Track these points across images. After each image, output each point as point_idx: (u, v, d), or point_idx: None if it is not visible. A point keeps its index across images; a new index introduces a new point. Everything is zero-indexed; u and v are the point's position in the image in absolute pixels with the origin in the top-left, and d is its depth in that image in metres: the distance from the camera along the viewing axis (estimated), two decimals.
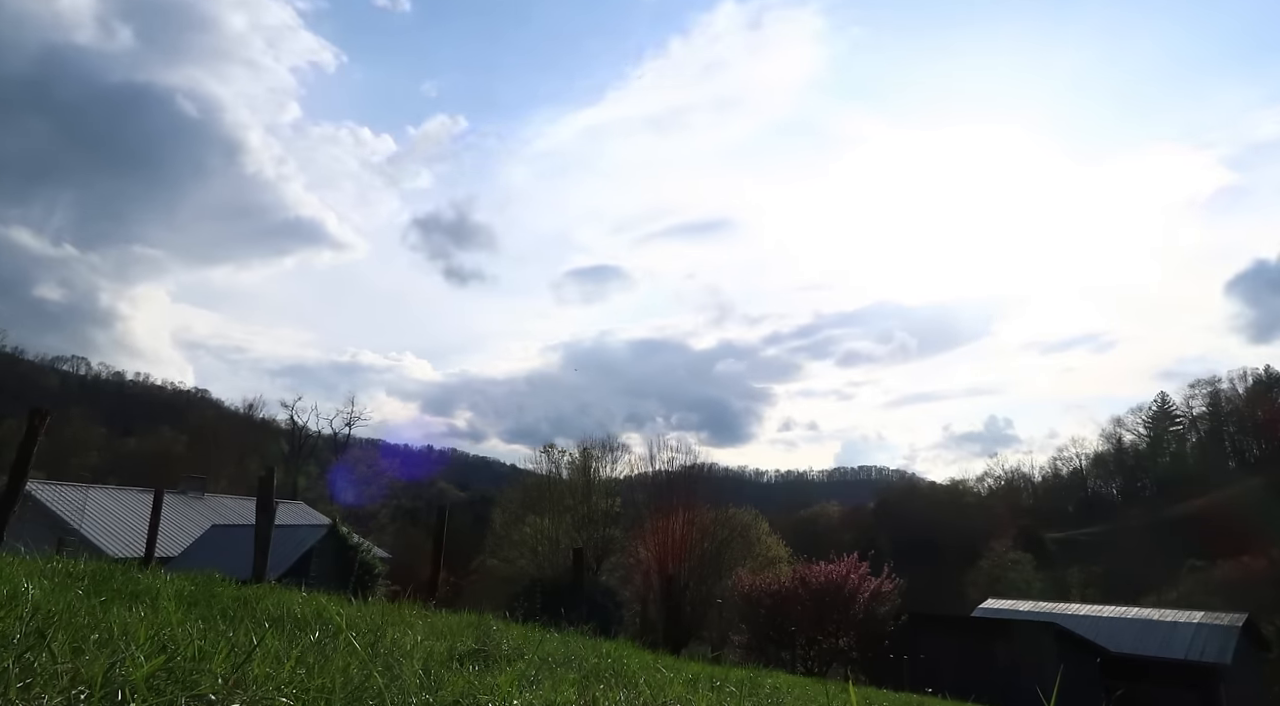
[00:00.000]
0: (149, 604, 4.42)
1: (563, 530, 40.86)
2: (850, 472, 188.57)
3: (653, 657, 7.77)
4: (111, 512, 32.69)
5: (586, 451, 47.70)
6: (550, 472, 48.45)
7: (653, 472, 43.26)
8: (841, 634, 28.59)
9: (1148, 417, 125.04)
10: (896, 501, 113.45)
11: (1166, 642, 29.58)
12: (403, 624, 5.79)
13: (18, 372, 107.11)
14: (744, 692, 5.83)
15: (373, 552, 27.81)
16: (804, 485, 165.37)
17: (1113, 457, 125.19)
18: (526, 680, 3.86)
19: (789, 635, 28.92)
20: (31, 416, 8.70)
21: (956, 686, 17.86)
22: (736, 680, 6.93)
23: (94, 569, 6.05)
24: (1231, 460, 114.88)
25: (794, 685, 8.20)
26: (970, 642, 26.39)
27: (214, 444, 76.80)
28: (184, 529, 31.48)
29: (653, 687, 4.57)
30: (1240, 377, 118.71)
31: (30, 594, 3.60)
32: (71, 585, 4.74)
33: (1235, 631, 29.69)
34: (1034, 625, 28.00)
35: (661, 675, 5.62)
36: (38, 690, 1.97)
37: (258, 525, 10.53)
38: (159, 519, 13.79)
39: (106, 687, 2.06)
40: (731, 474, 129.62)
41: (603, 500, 44.00)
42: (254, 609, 5.16)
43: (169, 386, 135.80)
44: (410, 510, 70.90)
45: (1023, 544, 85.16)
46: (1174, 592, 62.20)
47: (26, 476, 8.76)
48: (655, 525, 36.75)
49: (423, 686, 3.03)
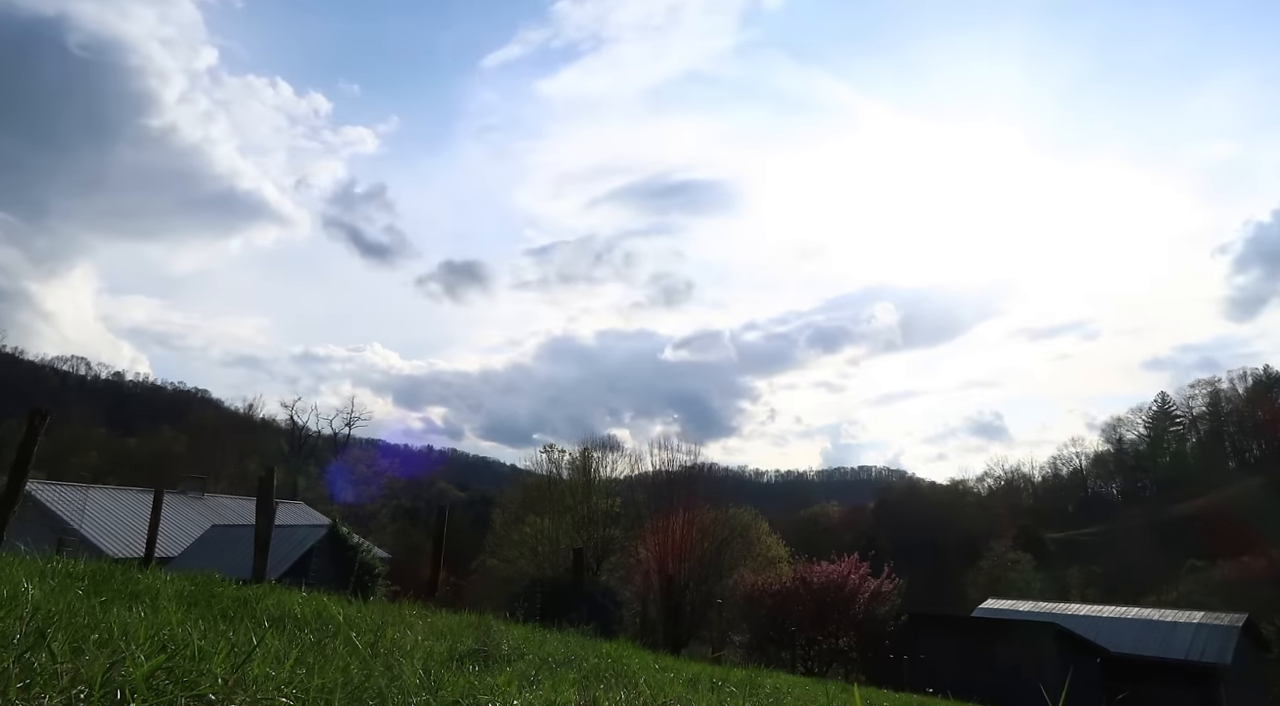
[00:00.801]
0: (149, 604, 4.42)
1: (563, 530, 40.86)
2: (850, 472, 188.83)
3: (653, 657, 7.78)
4: (111, 512, 32.69)
5: (586, 451, 47.78)
6: (550, 473, 48.52)
7: (653, 472, 43.32)
8: (841, 634, 28.61)
9: (1148, 417, 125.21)
10: (896, 501, 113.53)
11: (1166, 642, 29.58)
12: (403, 624, 5.79)
13: (18, 372, 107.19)
14: (744, 693, 5.83)
15: (373, 552, 27.78)
16: (803, 485, 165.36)
17: (1113, 457, 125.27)
18: (526, 680, 3.86)
19: (789, 635, 28.94)
20: (31, 416, 8.70)
21: (956, 686, 17.87)
22: (737, 680, 6.93)
23: (94, 569, 6.04)
24: (1231, 460, 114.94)
25: (794, 685, 8.20)
26: (970, 642, 26.38)
27: (214, 444, 76.83)
28: (184, 529, 31.46)
29: (653, 687, 4.57)
30: (1240, 378, 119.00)
31: (30, 594, 3.60)
32: (71, 585, 4.74)
33: (1235, 631, 29.70)
34: (1034, 625, 28.01)
35: (661, 675, 5.63)
36: (38, 690, 1.97)
37: (258, 525, 10.53)
38: (159, 519, 13.79)
39: (106, 687, 2.06)
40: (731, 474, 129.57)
41: (603, 500, 44.01)
42: (254, 609, 5.16)
43: (169, 386, 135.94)
44: (410, 510, 70.90)
45: (1023, 544, 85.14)
46: (1174, 592, 62.23)
47: (26, 476, 8.76)
48: (655, 525, 36.78)
49: (423, 686, 3.03)
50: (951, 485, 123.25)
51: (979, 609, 37.47)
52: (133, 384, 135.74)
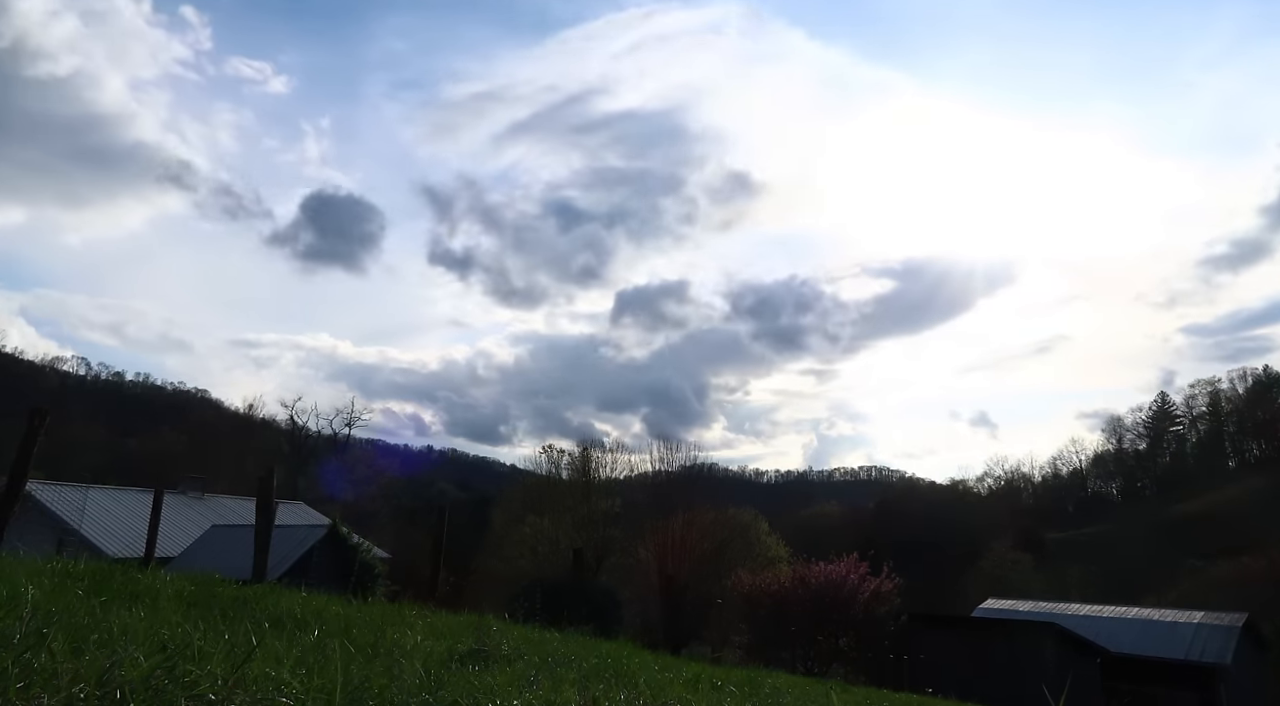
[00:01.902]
0: (149, 604, 4.42)
1: (563, 530, 40.89)
2: (849, 472, 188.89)
3: (653, 658, 7.78)
4: (111, 513, 32.67)
5: (586, 452, 47.82)
6: (550, 473, 48.56)
7: (653, 473, 43.36)
8: (841, 634, 28.59)
9: (1148, 417, 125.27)
10: (896, 501, 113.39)
11: (1166, 642, 29.57)
12: (403, 624, 5.79)
13: (18, 372, 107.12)
14: (744, 693, 5.83)
15: (373, 552, 27.75)
16: (803, 485, 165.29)
17: (1113, 457, 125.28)
18: (526, 680, 3.86)
19: (789, 635, 28.92)
20: (31, 416, 8.70)
21: (957, 686, 17.88)
22: (737, 680, 6.93)
23: (94, 569, 6.04)
24: (1231, 460, 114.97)
25: (794, 685, 8.20)
26: (970, 643, 26.36)
27: (214, 444, 76.81)
28: (184, 529, 31.43)
29: (653, 687, 4.57)
30: (1240, 378, 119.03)
31: (30, 594, 3.60)
32: (71, 585, 4.74)
33: (1235, 631, 29.69)
34: (1034, 625, 28.00)
35: (661, 675, 5.63)
36: (37, 690, 1.97)
37: (258, 525, 10.53)
38: (159, 519, 13.79)
39: (106, 687, 2.06)
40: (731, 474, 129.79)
41: (603, 500, 44.05)
42: (254, 609, 5.16)
43: (169, 386, 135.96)
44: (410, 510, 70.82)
45: (1023, 544, 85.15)
46: (1174, 592, 62.19)
47: (27, 476, 8.76)
48: (655, 525, 36.78)
49: (423, 686, 3.02)
50: (951, 485, 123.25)
51: (979, 609, 37.46)
52: (133, 384, 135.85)
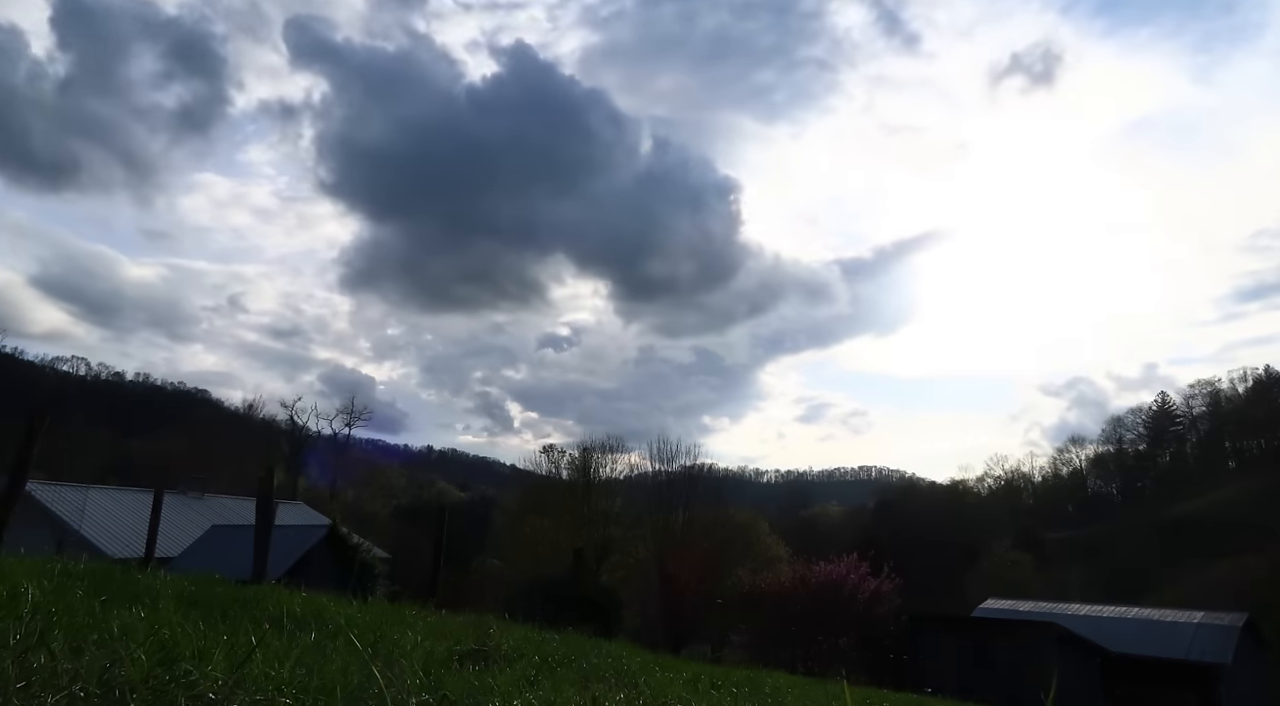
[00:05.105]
0: (149, 604, 4.42)
1: (563, 530, 40.85)
2: (849, 472, 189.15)
3: (653, 657, 7.78)
4: (111, 513, 32.65)
5: (587, 452, 47.78)
6: (551, 473, 48.54)
7: (653, 473, 43.34)
8: (841, 634, 28.59)
9: (1148, 418, 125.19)
10: (896, 501, 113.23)
11: (1166, 642, 29.56)
12: (403, 624, 5.79)
13: (18, 373, 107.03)
14: (744, 693, 5.83)
15: (373, 553, 27.80)
16: (804, 485, 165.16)
17: (1113, 457, 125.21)
18: (526, 680, 3.86)
19: (789, 635, 28.92)
20: (31, 418, 8.71)
21: (957, 686, 17.88)
22: (737, 680, 6.93)
23: (94, 569, 6.04)
24: (1231, 460, 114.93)
25: (794, 685, 8.20)
26: (970, 642, 26.37)
27: (214, 444, 76.73)
28: (184, 529, 31.39)
29: (653, 687, 4.57)
30: (1240, 378, 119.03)
31: (30, 594, 3.60)
32: (71, 585, 4.74)
33: (1235, 631, 29.69)
34: (1034, 625, 28.00)
35: (661, 675, 5.62)
36: (37, 690, 1.97)
37: (257, 525, 10.53)
38: (159, 519, 13.78)
39: (105, 687, 2.06)
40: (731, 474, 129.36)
41: (603, 500, 44.02)
42: (254, 609, 5.16)
43: (169, 386, 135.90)
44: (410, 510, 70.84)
45: (1023, 544, 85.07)
46: (1174, 592, 62.13)
47: (26, 477, 8.77)
48: (655, 525, 36.78)
49: (423, 686, 3.02)
50: (951, 485, 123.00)
51: (979, 609, 37.45)
52: (133, 384, 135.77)
